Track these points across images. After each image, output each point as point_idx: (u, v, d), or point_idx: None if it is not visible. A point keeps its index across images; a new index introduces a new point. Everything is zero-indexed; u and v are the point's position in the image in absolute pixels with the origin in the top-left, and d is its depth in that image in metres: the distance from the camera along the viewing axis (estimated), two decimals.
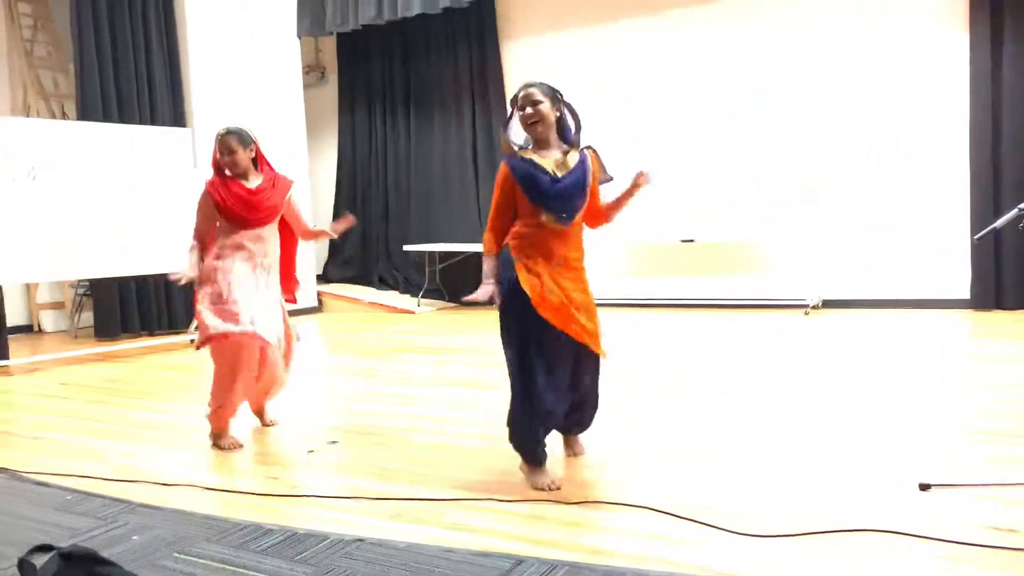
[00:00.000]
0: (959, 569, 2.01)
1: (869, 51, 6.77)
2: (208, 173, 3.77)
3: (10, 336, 6.47)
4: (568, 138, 2.93)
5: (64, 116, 8.14)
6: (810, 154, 7.02)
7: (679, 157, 7.50)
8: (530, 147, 2.90)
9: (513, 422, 2.86)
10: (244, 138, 3.61)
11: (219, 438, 3.56)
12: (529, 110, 2.82)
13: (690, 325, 6.64)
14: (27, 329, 8.19)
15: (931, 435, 3.20)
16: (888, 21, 6.69)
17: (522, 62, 8.43)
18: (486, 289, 2.85)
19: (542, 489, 2.75)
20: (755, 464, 2.92)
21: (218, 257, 3.56)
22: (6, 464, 3.37)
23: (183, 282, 3.56)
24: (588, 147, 2.99)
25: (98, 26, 7.20)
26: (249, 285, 3.55)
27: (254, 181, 3.64)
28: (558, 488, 2.75)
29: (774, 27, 7.16)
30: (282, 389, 3.87)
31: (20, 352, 6.60)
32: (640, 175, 2.94)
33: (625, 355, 5.34)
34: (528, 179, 2.80)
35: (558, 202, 2.80)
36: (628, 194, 3.02)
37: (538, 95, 2.83)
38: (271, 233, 3.70)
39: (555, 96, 2.89)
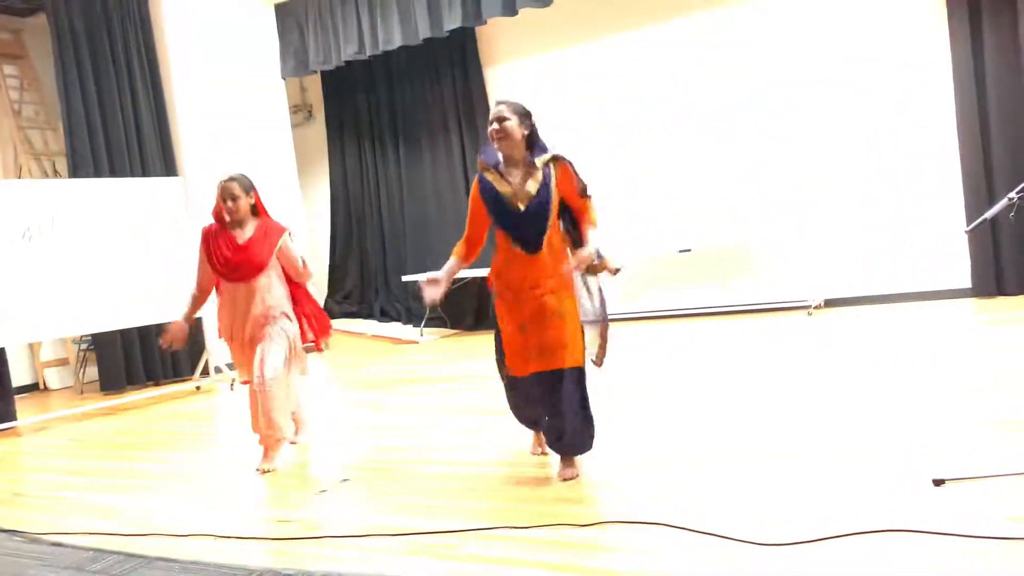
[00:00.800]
0: (982, 563, 2.00)
1: (854, 53, 6.81)
2: (206, 220, 3.87)
3: (17, 396, 6.48)
4: (536, 155, 2.98)
5: (56, 174, 8.20)
6: (801, 156, 7.04)
7: (670, 167, 7.54)
8: (500, 165, 2.97)
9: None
10: (245, 185, 3.71)
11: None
12: (495, 126, 2.90)
13: (692, 334, 6.63)
14: (33, 388, 8.20)
15: (942, 428, 3.18)
16: (869, 22, 6.75)
17: (507, 86, 8.49)
18: (431, 290, 3.10)
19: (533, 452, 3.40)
20: (767, 469, 2.91)
21: (221, 315, 3.83)
22: (21, 526, 3.36)
23: (170, 346, 3.82)
24: (555, 158, 3.00)
25: (83, 83, 7.26)
26: (242, 340, 3.78)
27: (248, 231, 3.72)
28: (543, 454, 3.34)
29: (755, 34, 7.21)
30: (277, 444, 3.84)
31: (28, 412, 6.60)
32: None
33: (628, 368, 5.34)
34: (493, 206, 2.97)
35: (520, 232, 2.92)
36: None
37: (506, 112, 2.92)
38: (268, 283, 3.75)
39: (524, 114, 2.95)
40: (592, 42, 8.04)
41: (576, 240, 3.10)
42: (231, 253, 3.70)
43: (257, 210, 3.79)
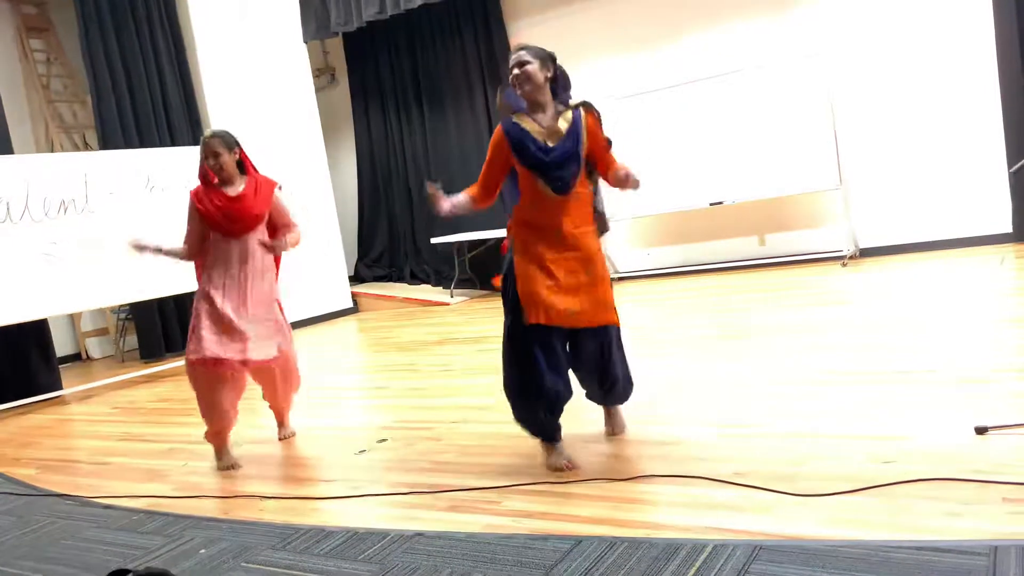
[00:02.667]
0: None
1: None
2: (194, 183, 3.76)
3: (60, 366, 6.65)
4: (563, 100, 2.91)
5: (86, 146, 8.29)
6: (833, 103, 6.87)
7: (700, 120, 7.40)
8: (524, 110, 2.89)
9: (513, 401, 2.89)
10: (228, 141, 3.57)
11: (217, 458, 3.55)
12: (516, 71, 2.83)
13: (726, 288, 6.58)
14: (76, 357, 8.40)
15: (984, 377, 3.14)
16: None
17: (531, 40, 8.33)
18: (436, 203, 2.88)
19: (557, 470, 2.77)
20: (805, 422, 2.90)
21: (209, 276, 3.56)
22: (73, 490, 3.47)
23: (140, 247, 3.58)
24: (583, 104, 2.92)
25: (109, 55, 7.29)
26: (238, 299, 3.56)
27: (238, 186, 3.62)
28: (572, 468, 2.76)
29: None
30: (298, 386, 3.87)
31: (72, 381, 6.77)
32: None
33: (659, 324, 5.32)
34: (520, 146, 2.82)
35: (550, 172, 2.80)
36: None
37: (526, 56, 2.83)
38: (259, 240, 3.66)
39: (546, 57, 2.85)
40: None
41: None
42: (227, 203, 3.54)
43: (245, 167, 3.66)
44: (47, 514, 3.18)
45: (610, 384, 2.99)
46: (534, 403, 2.82)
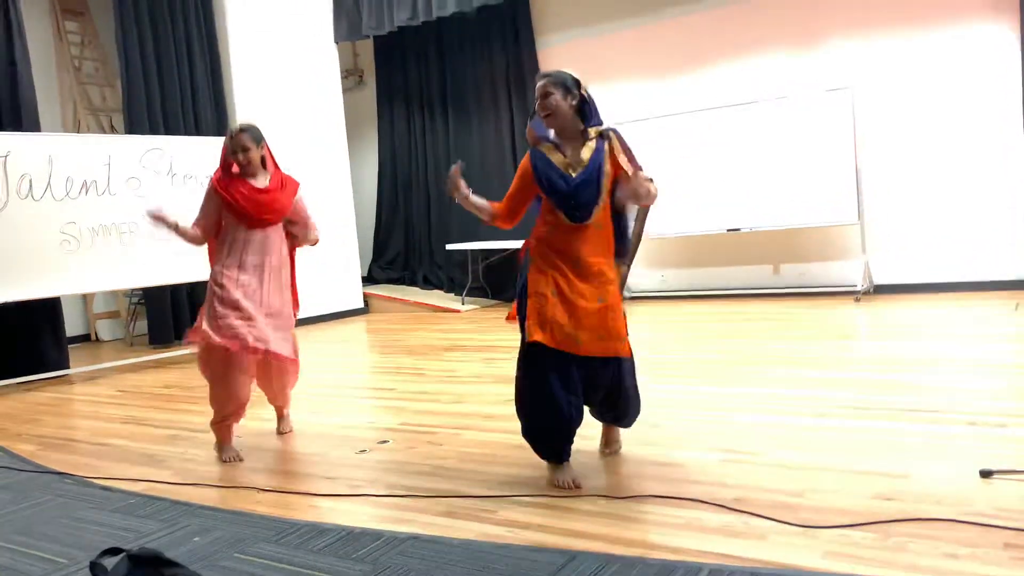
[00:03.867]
0: None
1: (913, 30, 6.61)
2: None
3: (70, 346, 6.69)
4: (591, 125, 2.88)
5: (113, 130, 8.36)
6: (857, 138, 6.85)
7: (722, 146, 7.39)
8: (552, 137, 2.89)
9: (524, 420, 2.85)
10: (256, 136, 3.58)
11: (220, 449, 3.54)
12: (540, 103, 2.82)
13: (738, 314, 6.56)
14: (85, 339, 8.45)
15: (992, 422, 3.11)
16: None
17: (559, 57, 8.40)
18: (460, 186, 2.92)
19: (562, 487, 2.73)
20: (808, 454, 2.88)
21: (226, 264, 3.52)
22: (72, 470, 3.48)
23: (158, 218, 3.48)
24: (608, 130, 2.88)
25: (142, 41, 7.37)
26: (255, 289, 3.54)
27: (261, 180, 3.61)
28: (578, 487, 2.72)
29: (810, 10, 7.02)
30: (295, 382, 3.88)
31: (80, 361, 6.81)
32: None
33: (669, 346, 5.31)
34: (545, 177, 2.82)
35: (570, 202, 2.79)
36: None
37: (549, 86, 2.79)
38: (278, 234, 3.65)
39: (571, 84, 2.81)
40: (650, 14, 7.90)
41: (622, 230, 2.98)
42: (257, 193, 3.53)
43: (267, 163, 3.65)
44: (45, 491, 3.19)
45: (623, 407, 2.97)
46: (547, 426, 2.78)
